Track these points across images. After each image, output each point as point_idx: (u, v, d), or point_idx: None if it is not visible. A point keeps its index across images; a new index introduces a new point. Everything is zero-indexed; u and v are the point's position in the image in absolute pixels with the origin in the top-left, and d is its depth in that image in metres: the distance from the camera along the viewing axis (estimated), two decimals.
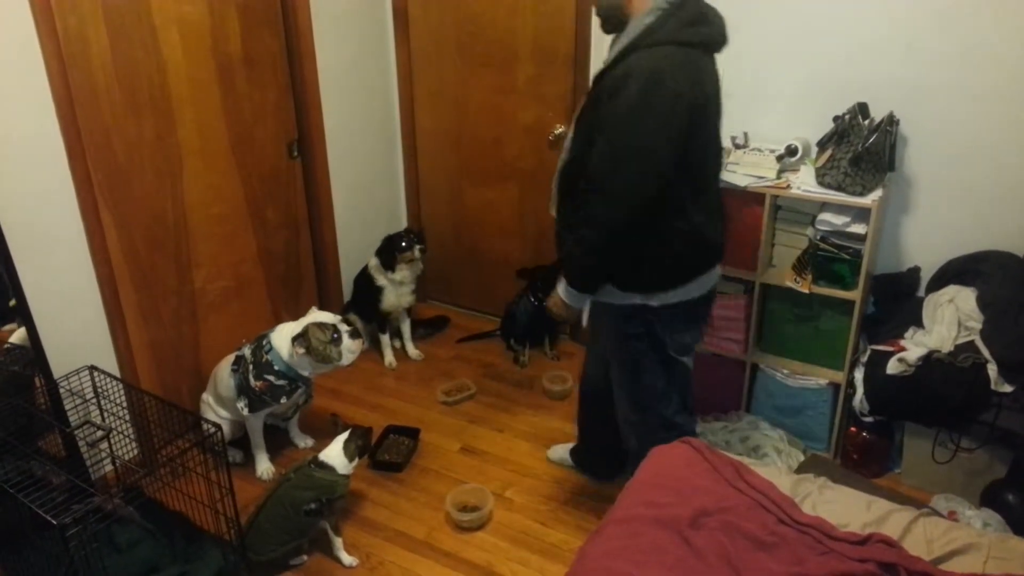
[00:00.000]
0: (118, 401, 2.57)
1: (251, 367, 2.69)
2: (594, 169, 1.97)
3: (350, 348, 2.71)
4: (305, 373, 2.73)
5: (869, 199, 2.56)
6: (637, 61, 1.89)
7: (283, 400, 2.75)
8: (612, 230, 1.98)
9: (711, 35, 1.99)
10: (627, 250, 2.04)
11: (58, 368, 2.48)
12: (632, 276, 2.12)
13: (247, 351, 2.74)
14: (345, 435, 2.54)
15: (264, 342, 2.72)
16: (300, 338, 2.63)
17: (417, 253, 3.43)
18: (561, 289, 2.17)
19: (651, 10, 1.93)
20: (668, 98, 1.87)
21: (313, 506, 2.40)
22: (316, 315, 2.72)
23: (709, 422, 3.02)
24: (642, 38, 1.91)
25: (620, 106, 1.89)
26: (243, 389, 2.70)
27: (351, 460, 2.50)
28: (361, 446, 2.55)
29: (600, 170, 1.96)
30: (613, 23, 2.05)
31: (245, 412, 2.73)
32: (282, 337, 2.69)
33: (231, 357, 2.80)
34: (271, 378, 2.68)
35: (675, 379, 2.32)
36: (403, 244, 3.42)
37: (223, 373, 2.80)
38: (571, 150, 2.11)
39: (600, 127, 1.96)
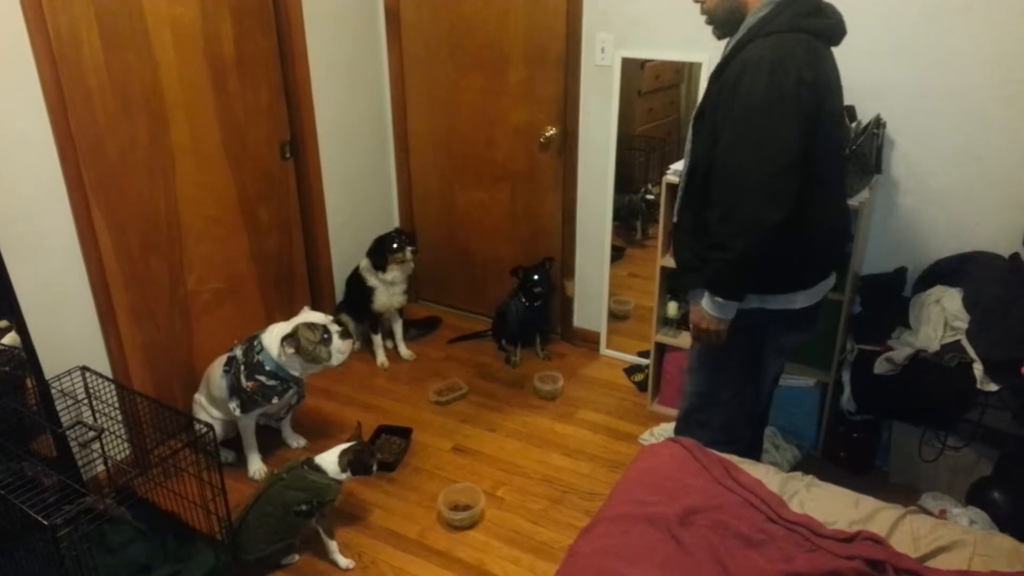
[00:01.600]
0: (110, 402, 2.57)
1: (242, 368, 2.69)
2: (728, 166, 1.88)
3: (340, 348, 2.72)
4: (295, 373, 2.73)
5: (856, 201, 2.58)
6: (755, 50, 1.84)
7: (275, 400, 2.75)
8: (761, 227, 1.86)
9: (830, 26, 1.94)
10: (775, 248, 1.90)
11: (50, 369, 2.47)
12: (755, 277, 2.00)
13: (238, 352, 2.75)
14: (346, 445, 2.54)
15: (255, 343, 2.72)
16: (290, 338, 2.64)
17: (408, 254, 3.44)
18: (705, 302, 2.04)
19: (765, 3, 1.90)
20: (792, 83, 1.79)
21: (304, 507, 2.40)
22: (307, 315, 2.73)
23: None
24: (758, 29, 1.87)
25: (745, 97, 1.82)
26: (235, 390, 2.71)
27: (343, 470, 2.49)
28: (353, 462, 2.49)
29: (736, 166, 1.86)
30: (729, 27, 2.00)
31: (237, 413, 2.74)
32: (273, 338, 2.69)
33: (223, 358, 2.81)
34: (262, 379, 2.69)
35: (759, 380, 2.25)
36: (394, 245, 3.43)
37: (215, 374, 2.80)
38: (693, 153, 2.02)
39: (724, 123, 1.88)
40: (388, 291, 3.53)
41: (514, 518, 2.70)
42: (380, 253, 3.46)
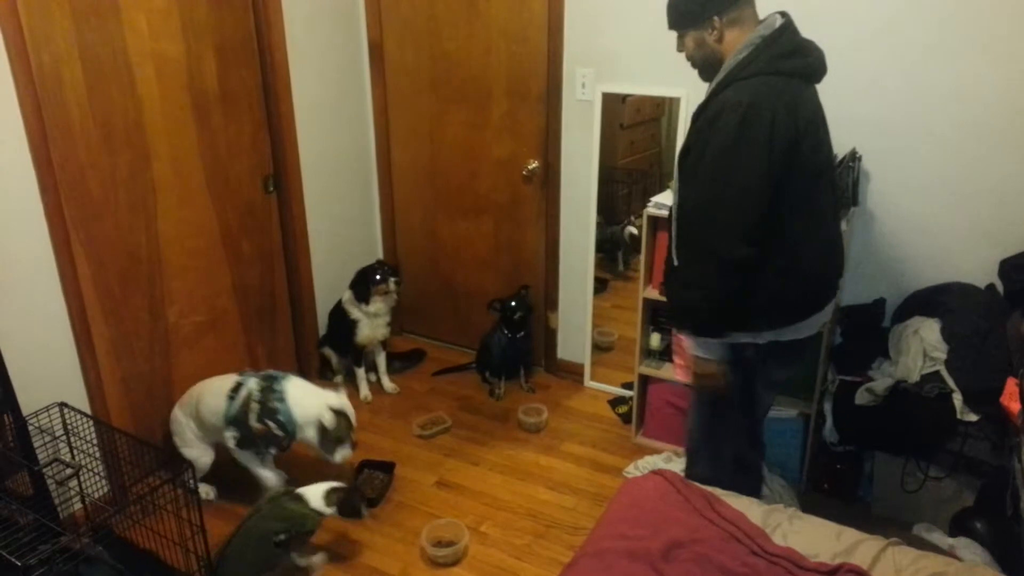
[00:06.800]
0: (88, 438, 2.53)
1: (258, 406, 2.64)
2: (699, 203, 1.95)
3: (345, 455, 2.72)
4: (299, 435, 2.69)
5: None
6: (733, 94, 1.89)
7: (272, 451, 2.73)
8: (730, 263, 1.91)
9: (809, 65, 2.00)
10: (747, 284, 1.95)
11: (27, 405, 2.44)
12: (739, 313, 2.02)
13: (254, 384, 2.69)
14: (336, 484, 2.52)
15: (276, 387, 2.67)
16: (335, 413, 2.65)
17: (392, 285, 3.44)
18: (689, 345, 2.08)
19: (745, 45, 1.95)
20: (765, 128, 1.84)
21: (282, 537, 2.37)
22: (344, 402, 2.72)
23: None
24: (737, 71, 1.92)
25: (719, 139, 1.88)
26: (237, 422, 2.66)
27: (328, 506, 2.47)
28: (342, 502, 2.48)
29: (703, 205, 1.94)
30: (709, 72, 2.05)
31: (231, 444, 2.70)
32: (306, 395, 2.67)
33: (223, 380, 2.76)
34: (272, 425, 2.64)
35: (754, 414, 2.29)
36: (377, 277, 3.43)
37: (209, 396, 2.75)
38: (680, 192, 2.06)
39: (698, 163, 1.94)
40: (371, 323, 3.52)
41: (498, 554, 2.68)
42: (363, 285, 3.46)
